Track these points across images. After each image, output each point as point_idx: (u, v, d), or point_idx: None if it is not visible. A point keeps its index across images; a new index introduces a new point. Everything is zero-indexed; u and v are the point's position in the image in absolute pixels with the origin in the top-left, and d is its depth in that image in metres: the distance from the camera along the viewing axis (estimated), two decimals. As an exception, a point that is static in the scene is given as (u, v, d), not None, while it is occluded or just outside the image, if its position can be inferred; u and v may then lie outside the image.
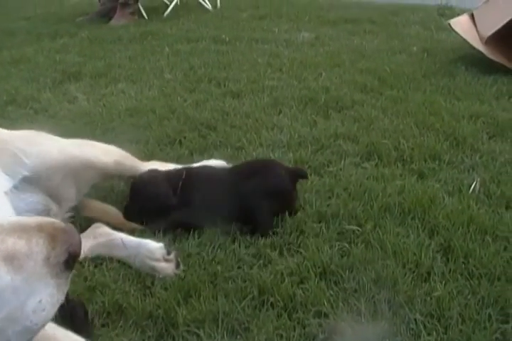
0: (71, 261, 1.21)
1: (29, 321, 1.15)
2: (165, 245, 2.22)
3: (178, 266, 2.16)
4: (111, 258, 2.30)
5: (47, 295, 1.17)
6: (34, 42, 6.49)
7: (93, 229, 2.41)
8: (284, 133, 3.32)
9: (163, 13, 7.47)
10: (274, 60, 4.90)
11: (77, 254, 1.23)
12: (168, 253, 2.18)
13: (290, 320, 1.89)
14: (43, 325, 1.19)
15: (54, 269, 1.18)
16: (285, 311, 1.92)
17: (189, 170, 2.58)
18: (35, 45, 6.35)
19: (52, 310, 1.18)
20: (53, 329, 1.48)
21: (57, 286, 1.19)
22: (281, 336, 1.82)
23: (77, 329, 1.61)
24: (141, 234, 2.39)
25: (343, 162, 2.96)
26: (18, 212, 2.25)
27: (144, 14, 7.43)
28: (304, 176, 2.59)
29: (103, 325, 1.93)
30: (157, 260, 2.17)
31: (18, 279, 1.14)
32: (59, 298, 1.19)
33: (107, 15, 7.46)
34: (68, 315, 1.73)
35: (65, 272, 1.21)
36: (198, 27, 6.54)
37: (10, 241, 1.16)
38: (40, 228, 1.20)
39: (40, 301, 1.16)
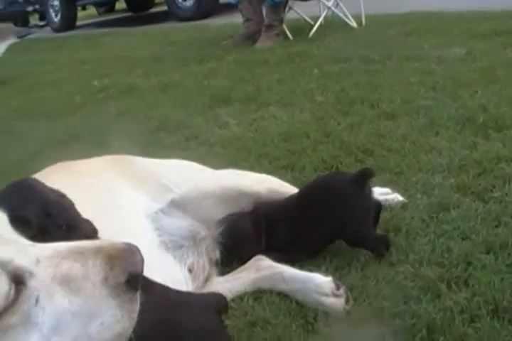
0: (132, 281, 1.21)
1: None
2: (333, 279, 2.16)
3: (347, 301, 2.08)
4: (270, 292, 2.26)
5: (109, 316, 1.17)
6: (181, 68, 6.72)
7: (255, 262, 2.38)
8: (443, 157, 3.17)
9: (308, 33, 7.44)
10: (426, 79, 4.74)
11: (138, 273, 1.22)
12: (338, 287, 2.11)
13: (465, 362, 1.76)
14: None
15: (115, 290, 1.18)
16: (456, 352, 1.80)
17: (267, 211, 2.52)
18: (183, 70, 6.57)
19: (117, 329, 1.18)
20: None
21: (121, 307, 1.18)
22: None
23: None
24: (301, 267, 2.33)
25: (507, 186, 2.77)
26: (163, 237, 2.30)
27: (289, 35, 7.45)
28: (371, 174, 2.43)
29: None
30: (326, 295, 2.10)
31: (76, 302, 1.15)
32: (125, 319, 1.19)
33: (251, 37, 7.55)
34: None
35: (128, 293, 1.20)
36: (345, 46, 6.46)
37: (65, 264, 1.16)
38: (97, 250, 1.21)
39: (102, 323, 1.16)
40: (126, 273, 1.20)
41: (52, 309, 1.12)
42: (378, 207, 2.48)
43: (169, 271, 2.20)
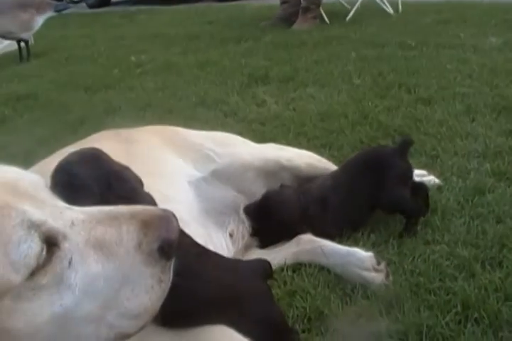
0: (166, 248, 1.19)
1: (123, 308, 1.15)
2: (375, 254, 2.21)
3: (387, 276, 2.13)
4: (309, 264, 2.32)
5: (140, 284, 1.17)
6: (219, 46, 6.75)
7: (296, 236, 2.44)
8: (479, 143, 3.21)
9: (345, 17, 7.46)
10: (462, 66, 4.75)
11: (172, 241, 1.20)
12: (378, 262, 2.16)
13: (495, 338, 1.82)
14: (142, 313, 1.18)
15: (148, 257, 1.17)
16: (490, 328, 1.86)
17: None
18: (220, 48, 6.59)
19: (145, 299, 1.17)
20: None
21: (152, 275, 1.18)
22: (488, 354, 1.76)
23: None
24: (340, 242, 2.39)
25: (542, 174, 2.82)
26: (204, 203, 2.35)
27: (326, 19, 7.47)
28: (410, 142, 2.62)
29: (303, 331, 1.95)
30: (367, 269, 2.15)
31: (109, 267, 1.15)
32: (155, 289, 1.18)
33: (288, 19, 7.57)
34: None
35: (161, 260, 1.19)
36: (381, 31, 6.47)
37: (99, 229, 1.16)
38: (132, 215, 1.20)
39: (132, 290, 1.16)
40: (160, 240, 1.18)
41: (85, 272, 1.13)
42: (424, 188, 2.57)
43: (210, 233, 2.27)
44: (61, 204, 1.23)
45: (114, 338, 1.18)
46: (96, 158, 1.74)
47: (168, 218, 1.22)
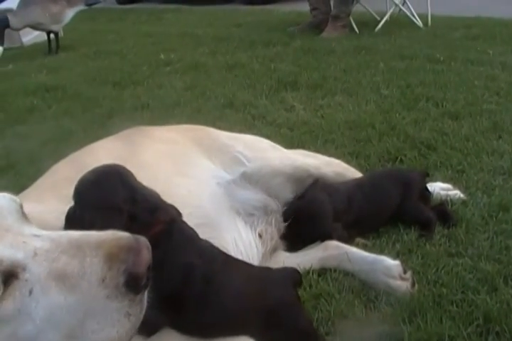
0: (132, 282, 1.15)
1: (89, 340, 1.13)
2: (401, 263, 2.24)
3: (413, 285, 2.17)
4: (334, 269, 2.36)
5: (106, 317, 1.13)
6: (247, 49, 6.78)
7: (323, 242, 2.47)
8: (505, 160, 3.23)
9: (374, 28, 7.46)
10: (491, 83, 4.76)
11: (139, 275, 1.15)
12: (405, 271, 2.20)
13: (516, 353, 1.83)
14: None
15: (113, 291, 1.13)
16: (511, 342, 1.87)
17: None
18: (249, 51, 6.63)
19: (112, 333, 1.13)
20: None
21: (118, 309, 1.14)
22: (507, 368, 1.78)
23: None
24: (365, 249, 2.43)
25: None
26: (233, 204, 2.38)
27: (356, 28, 7.49)
28: (427, 173, 2.88)
29: (327, 334, 1.98)
30: (393, 277, 2.19)
31: (72, 299, 1.12)
32: (122, 323, 1.14)
33: (318, 26, 7.60)
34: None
35: (128, 294, 1.15)
36: (410, 44, 6.48)
37: (62, 260, 1.13)
38: (98, 245, 1.15)
39: (98, 322, 1.13)
40: (126, 274, 1.14)
41: (46, 302, 1.11)
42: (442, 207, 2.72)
43: (239, 232, 2.31)
44: (28, 231, 1.21)
45: None
46: (117, 176, 1.74)
47: (137, 250, 1.17)
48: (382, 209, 2.62)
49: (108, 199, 1.65)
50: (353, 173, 2.80)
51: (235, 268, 1.79)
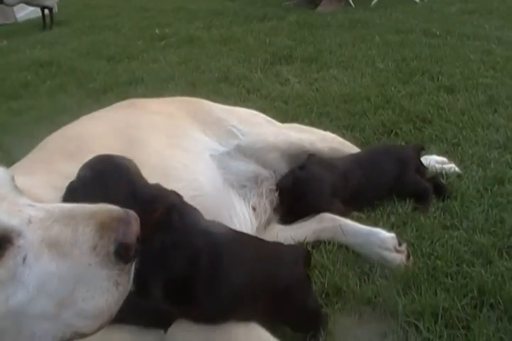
0: (123, 251, 1.17)
1: (79, 308, 1.14)
2: (396, 235, 2.24)
3: (408, 257, 2.16)
4: (329, 242, 2.35)
5: (96, 285, 1.15)
6: (243, 24, 6.74)
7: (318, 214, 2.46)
8: (500, 133, 3.22)
9: (370, 2, 7.43)
10: (486, 58, 4.74)
11: (129, 245, 1.18)
12: (400, 243, 2.19)
13: (510, 324, 1.84)
14: (97, 314, 1.16)
15: (103, 260, 1.15)
16: (506, 314, 1.88)
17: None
18: (244, 26, 6.59)
19: (101, 301, 1.15)
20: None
21: (108, 278, 1.16)
22: (502, 339, 1.79)
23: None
24: (360, 222, 2.42)
25: None
26: (227, 176, 2.37)
27: (351, 2, 7.45)
28: (422, 147, 2.87)
29: (321, 306, 1.97)
30: (388, 250, 2.19)
31: (63, 266, 1.13)
32: (111, 292, 1.16)
33: (313, 1, 7.56)
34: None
35: (119, 263, 1.17)
36: (406, 18, 6.44)
37: (56, 228, 1.15)
38: (91, 216, 1.17)
39: (88, 290, 1.14)
40: (116, 243, 1.16)
41: (39, 269, 1.12)
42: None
43: (234, 205, 2.30)
44: (22, 200, 1.22)
45: (70, 337, 1.17)
46: (116, 172, 1.69)
47: (127, 221, 1.19)
48: (380, 185, 2.62)
49: (108, 198, 1.63)
50: (349, 148, 2.78)
51: (245, 247, 1.76)
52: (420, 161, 2.76)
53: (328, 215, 2.43)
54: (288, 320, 1.80)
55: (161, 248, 1.53)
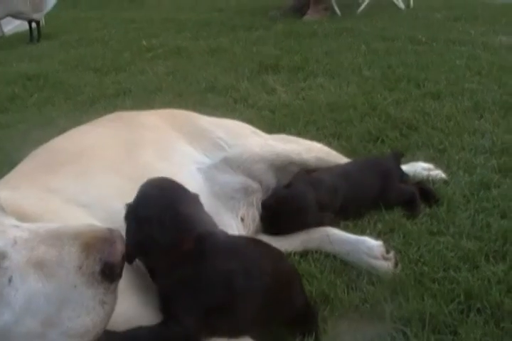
0: (108, 270, 1.19)
1: (65, 327, 1.16)
2: (384, 243, 2.25)
3: (396, 264, 2.17)
4: (315, 251, 2.36)
5: (81, 305, 1.17)
6: (229, 33, 6.76)
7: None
8: (486, 139, 3.24)
9: (356, 10, 7.48)
10: (472, 63, 4.77)
11: (114, 264, 1.20)
12: (387, 251, 2.20)
13: (497, 329, 1.85)
14: (83, 333, 1.17)
15: (89, 279, 1.17)
16: (492, 319, 1.89)
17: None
18: (231, 35, 6.61)
19: (87, 320, 1.17)
20: None
21: (94, 297, 1.18)
22: (489, 344, 1.79)
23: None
24: (348, 231, 2.44)
25: (549, 172, 2.85)
26: (214, 188, 2.37)
27: (337, 10, 7.49)
28: (402, 155, 2.88)
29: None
30: (376, 257, 2.20)
31: (49, 286, 1.15)
32: (97, 311, 1.18)
33: (300, 10, 7.60)
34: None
35: (104, 282, 1.19)
36: (392, 26, 6.49)
37: (41, 248, 1.17)
38: (76, 236, 1.19)
39: (73, 310, 1.16)
40: (102, 263, 1.18)
41: (25, 290, 1.14)
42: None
43: (221, 217, 2.28)
44: (7, 221, 1.24)
45: None
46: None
47: (112, 240, 1.22)
48: (366, 197, 2.62)
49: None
50: (335, 157, 2.79)
51: (259, 252, 1.78)
52: (401, 169, 2.77)
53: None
54: (286, 318, 1.82)
55: (195, 276, 1.56)
